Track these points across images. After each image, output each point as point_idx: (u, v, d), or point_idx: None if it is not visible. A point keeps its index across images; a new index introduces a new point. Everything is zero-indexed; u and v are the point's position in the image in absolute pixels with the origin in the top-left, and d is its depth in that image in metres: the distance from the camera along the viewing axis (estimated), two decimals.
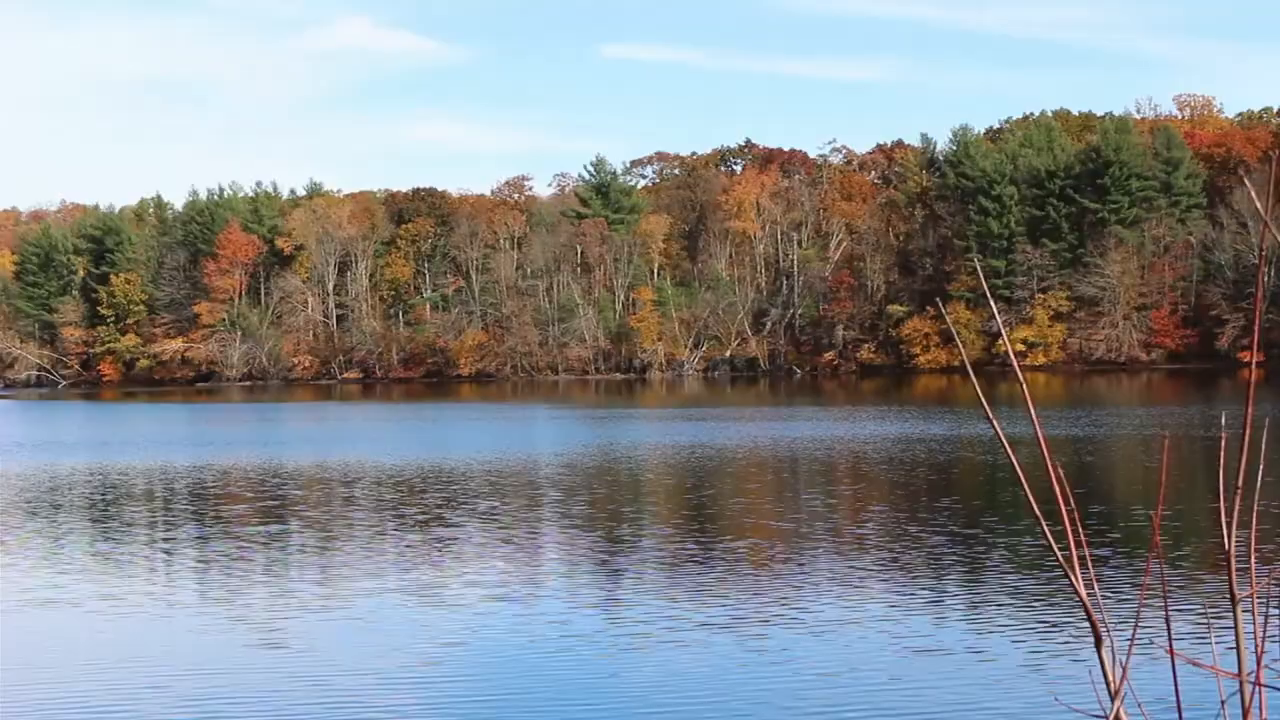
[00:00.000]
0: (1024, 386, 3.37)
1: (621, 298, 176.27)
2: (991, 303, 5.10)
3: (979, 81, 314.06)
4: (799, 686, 16.19)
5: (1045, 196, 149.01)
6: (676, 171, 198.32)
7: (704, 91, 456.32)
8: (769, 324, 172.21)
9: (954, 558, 24.66)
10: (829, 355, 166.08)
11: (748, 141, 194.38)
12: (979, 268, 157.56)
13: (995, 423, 3.24)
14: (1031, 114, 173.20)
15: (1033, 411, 3.12)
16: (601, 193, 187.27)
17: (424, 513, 32.71)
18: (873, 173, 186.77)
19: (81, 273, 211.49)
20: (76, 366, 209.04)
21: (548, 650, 18.30)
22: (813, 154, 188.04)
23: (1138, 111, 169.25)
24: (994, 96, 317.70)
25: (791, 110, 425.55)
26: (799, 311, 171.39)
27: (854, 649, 17.85)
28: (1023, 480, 3.29)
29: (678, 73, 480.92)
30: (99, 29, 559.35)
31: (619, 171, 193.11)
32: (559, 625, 19.72)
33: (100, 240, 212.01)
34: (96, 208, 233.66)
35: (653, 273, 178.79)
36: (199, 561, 26.45)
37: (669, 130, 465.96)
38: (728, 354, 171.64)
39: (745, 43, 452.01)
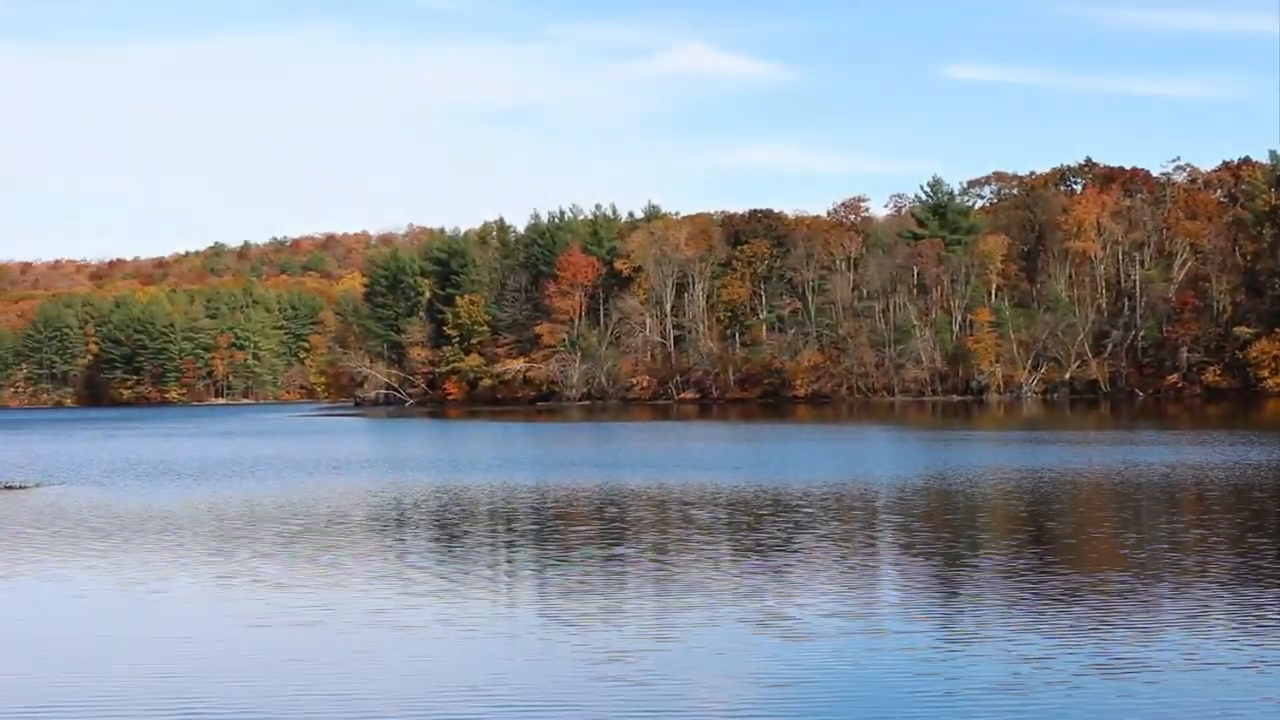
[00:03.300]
0: None
1: (958, 319, 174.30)
2: None
3: None
4: None
5: None
6: (1015, 191, 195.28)
7: (1043, 110, 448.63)
8: (1110, 346, 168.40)
9: None
10: (1172, 378, 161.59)
11: (1088, 160, 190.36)
12: None
13: None
14: None
15: None
16: (938, 213, 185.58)
17: (761, 535, 32.51)
18: (1218, 191, 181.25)
19: (428, 294, 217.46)
20: (422, 385, 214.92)
21: (894, 683, 17.91)
22: (1155, 172, 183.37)
23: None
24: None
25: (1133, 128, 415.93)
26: (1141, 333, 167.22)
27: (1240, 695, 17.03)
28: None
29: (1017, 92, 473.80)
30: (443, 59, 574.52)
31: (956, 192, 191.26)
32: (910, 657, 19.24)
33: (446, 262, 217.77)
34: (442, 231, 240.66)
35: (990, 293, 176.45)
36: (539, 583, 26.64)
37: (1007, 149, 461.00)
38: (1067, 376, 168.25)
39: (1086, 61, 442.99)
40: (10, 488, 53.86)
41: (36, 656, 20.93)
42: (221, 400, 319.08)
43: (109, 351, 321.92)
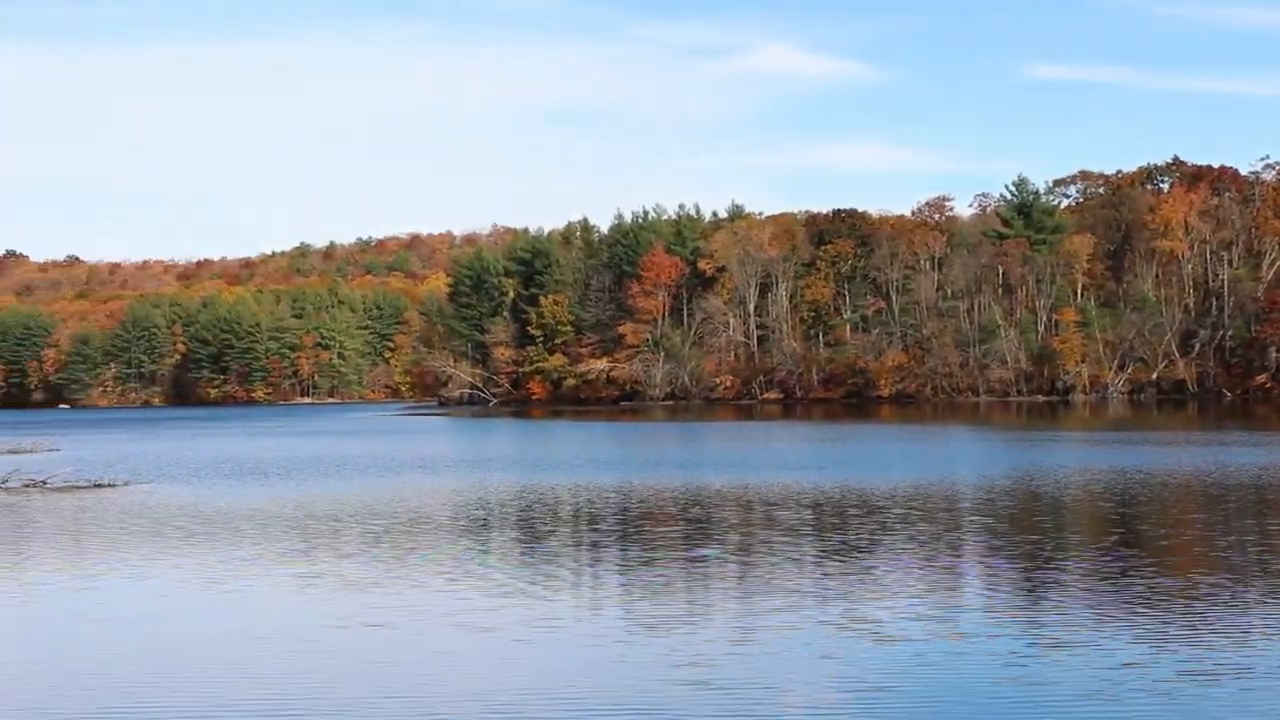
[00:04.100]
0: None
1: (1044, 318, 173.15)
2: None
3: None
4: None
5: None
6: (1100, 190, 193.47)
7: (1130, 109, 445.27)
8: (1197, 345, 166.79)
9: None
10: (1261, 378, 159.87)
11: (1175, 159, 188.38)
12: None
13: None
14: None
15: None
16: (1023, 212, 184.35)
17: (846, 537, 32.29)
18: None
19: (512, 294, 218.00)
20: (506, 385, 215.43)
21: (981, 688, 17.69)
22: (1244, 171, 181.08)
23: None
24: None
25: (1221, 126, 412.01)
26: (1229, 333, 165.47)
27: None
28: None
29: (1103, 91, 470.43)
30: (527, 60, 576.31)
31: (1041, 191, 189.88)
32: (997, 661, 18.99)
33: (530, 262, 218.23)
34: (526, 231, 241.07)
35: (1076, 293, 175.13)
36: (622, 585, 26.52)
37: (1093, 148, 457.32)
38: (1154, 376, 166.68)
39: (1173, 59, 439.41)
40: (100, 486, 54.36)
41: (113, 655, 21.02)
42: (307, 400, 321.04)
43: (196, 351, 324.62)
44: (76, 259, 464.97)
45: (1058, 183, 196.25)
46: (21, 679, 19.45)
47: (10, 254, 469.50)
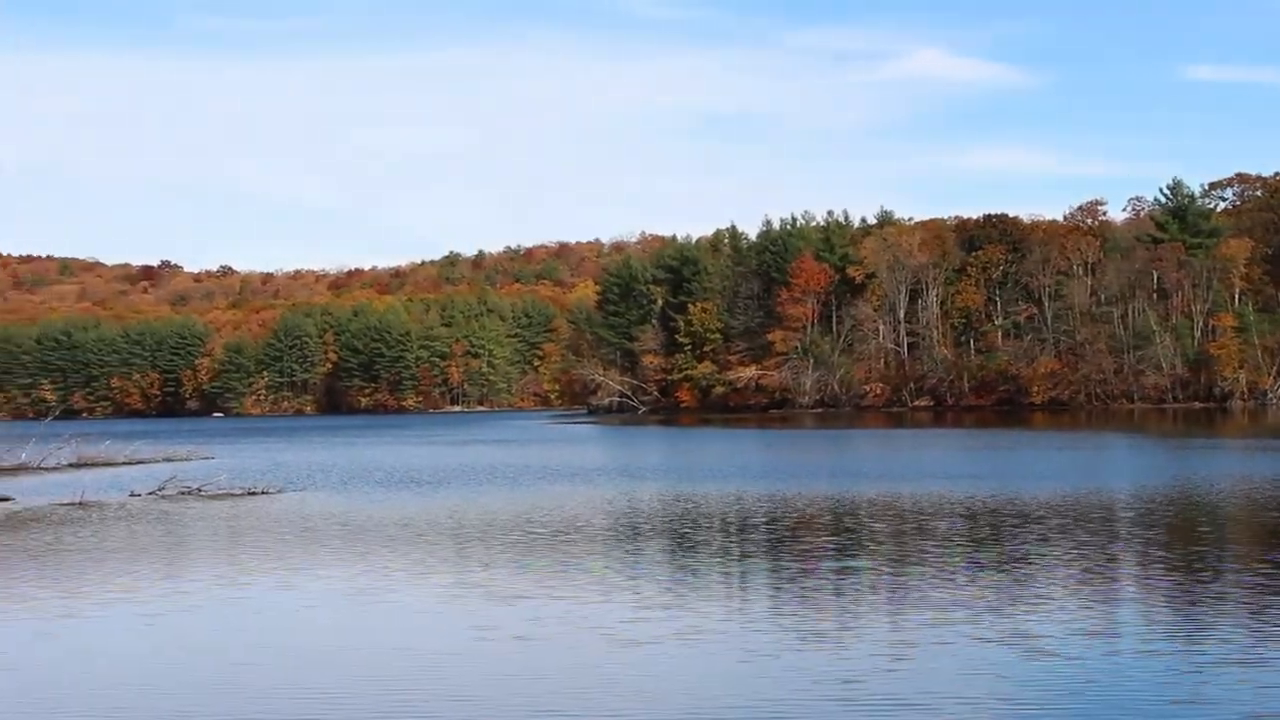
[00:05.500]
0: None
1: (1200, 324, 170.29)
2: None
3: None
4: None
5: None
6: (1259, 193, 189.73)
7: None
8: None
9: None
10: None
11: None
12: None
13: None
14: None
15: None
16: (1178, 216, 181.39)
17: (1000, 548, 31.70)
18: None
19: (660, 302, 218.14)
20: (655, 392, 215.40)
21: (1141, 706, 17.13)
22: None
23: None
24: None
25: None
26: None
27: None
28: None
29: (1260, 92, 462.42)
30: (674, 67, 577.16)
31: (1197, 194, 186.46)
32: (1158, 679, 18.42)
33: (678, 270, 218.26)
34: (674, 238, 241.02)
35: (1233, 298, 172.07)
36: (771, 597, 26.14)
37: (1250, 150, 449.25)
38: None
39: None
40: (253, 493, 54.93)
41: (255, 664, 21.03)
42: (457, 408, 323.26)
43: (347, 360, 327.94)
44: (230, 269, 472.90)
45: (1213, 185, 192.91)
46: (165, 686, 19.48)
47: (165, 264, 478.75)
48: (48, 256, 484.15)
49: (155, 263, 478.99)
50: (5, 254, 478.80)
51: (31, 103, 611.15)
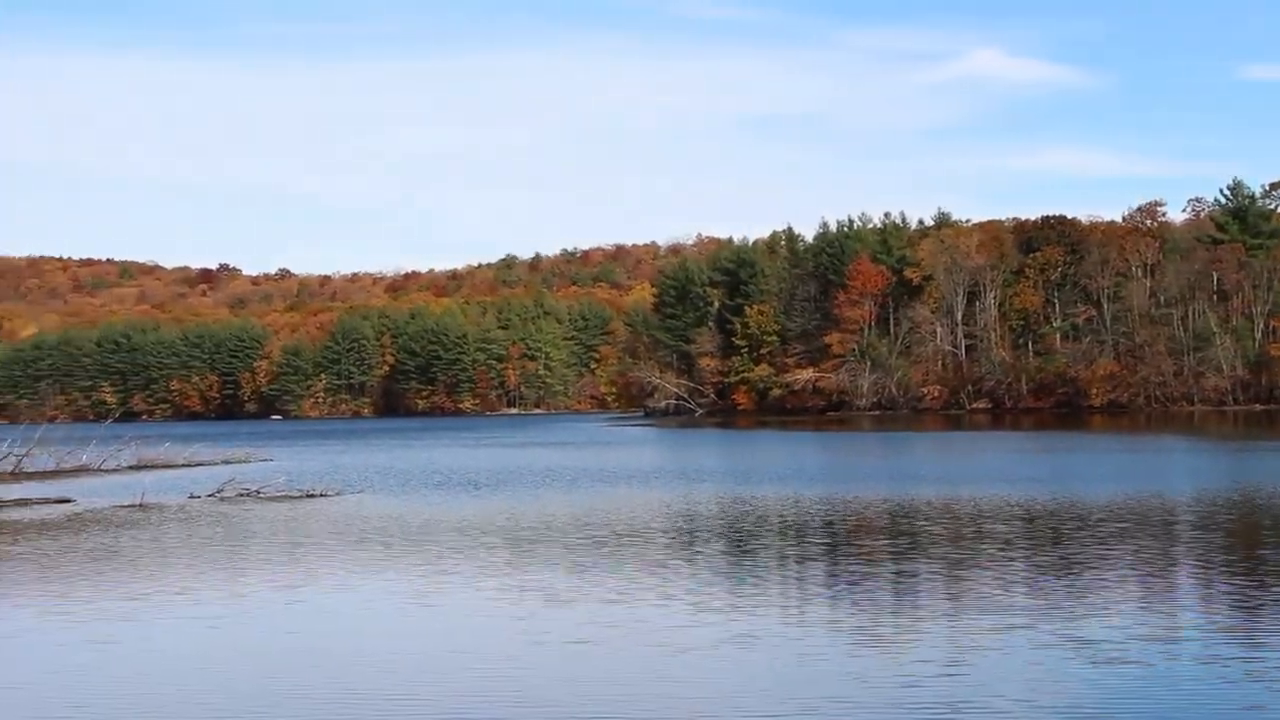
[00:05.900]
0: None
1: (1261, 325, 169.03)
2: None
3: None
4: None
5: None
6: None
7: None
8: None
9: None
10: None
11: None
12: None
13: None
14: None
15: None
16: (1239, 217, 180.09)
17: (1060, 551, 31.51)
18: None
19: (717, 304, 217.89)
20: (712, 395, 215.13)
21: (1204, 714, 17.00)
22: None
23: None
24: None
25: None
26: None
27: None
28: None
29: None
30: (732, 68, 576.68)
31: (1258, 194, 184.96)
32: (1222, 684, 18.24)
33: (734, 272, 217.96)
34: (730, 241, 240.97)
35: None
36: (829, 601, 26.04)
37: None
38: None
39: None
40: (311, 495, 55.15)
41: (311, 666, 21.07)
42: (514, 410, 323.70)
43: (404, 362, 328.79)
44: (288, 272, 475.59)
45: (1274, 186, 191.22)
46: (224, 690, 19.55)
47: (224, 268, 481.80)
48: (108, 260, 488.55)
49: (214, 266, 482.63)
50: (66, 257, 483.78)
51: (92, 107, 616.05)
